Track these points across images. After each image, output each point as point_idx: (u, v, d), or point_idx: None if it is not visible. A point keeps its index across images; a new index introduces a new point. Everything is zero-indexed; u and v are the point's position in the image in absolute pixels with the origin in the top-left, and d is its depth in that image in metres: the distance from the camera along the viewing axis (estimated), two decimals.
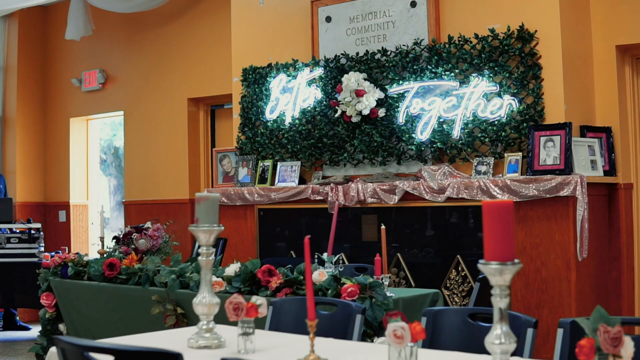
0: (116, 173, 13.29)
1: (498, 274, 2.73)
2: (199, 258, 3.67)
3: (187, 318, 5.85)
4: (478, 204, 7.04)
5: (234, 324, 3.71)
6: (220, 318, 3.82)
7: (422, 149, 7.59)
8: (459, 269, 7.16)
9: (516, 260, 2.74)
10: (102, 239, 7.34)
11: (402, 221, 7.49)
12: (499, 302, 2.76)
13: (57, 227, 12.48)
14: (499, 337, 2.74)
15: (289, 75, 8.54)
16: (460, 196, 7.08)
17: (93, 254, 7.09)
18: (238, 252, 8.45)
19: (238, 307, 3.40)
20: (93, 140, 12.74)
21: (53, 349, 3.64)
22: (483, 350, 3.31)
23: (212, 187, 9.26)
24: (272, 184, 8.49)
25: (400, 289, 6.54)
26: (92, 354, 3.03)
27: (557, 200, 6.70)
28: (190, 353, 3.45)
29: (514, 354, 2.78)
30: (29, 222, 10.06)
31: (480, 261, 2.76)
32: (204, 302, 3.66)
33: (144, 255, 6.77)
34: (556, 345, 3.52)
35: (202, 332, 3.65)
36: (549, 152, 6.86)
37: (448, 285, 7.19)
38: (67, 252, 7.34)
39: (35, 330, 10.58)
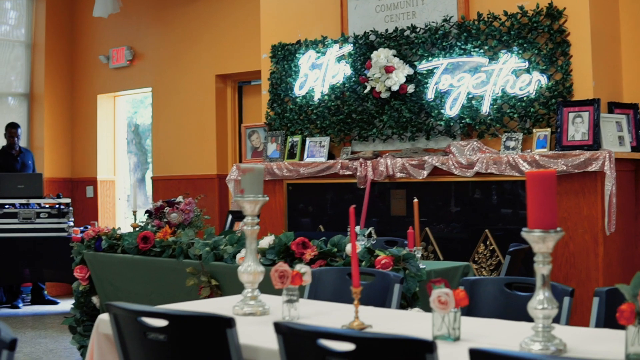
0: (136, 150, 13.41)
1: (541, 242, 2.82)
2: (245, 227, 3.76)
3: (221, 290, 5.94)
4: (506, 179, 7.11)
5: (276, 292, 3.81)
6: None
7: (451, 124, 7.67)
8: (487, 243, 7.24)
9: (558, 229, 2.83)
10: (134, 213, 7.43)
11: (431, 196, 7.57)
12: (542, 268, 2.85)
13: (84, 202, 12.61)
14: (541, 302, 2.83)
15: (318, 52, 8.62)
16: (488, 171, 7.15)
17: (121, 229, 7.16)
18: (267, 226, 8.54)
19: (284, 275, 3.49)
20: (120, 116, 12.85)
21: (101, 316, 3.74)
22: (520, 318, 3.42)
23: (241, 162, 9.35)
24: (301, 159, 8.57)
25: (431, 261, 6.61)
26: (146, 319, 3.14)
27: (585, 175, 6.77)
28: (236, 320, 3.54)
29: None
30: (58, 197, 10.15)
31: (524, 229, 2.85)
32: (249, 270, 3.75)
33: (176, 229, 6.86)
34: (592, 313, 3.61)
35: (247, 299, 3.74)
36: (577, 128, 6.91)
37: (476, 259, 7.27)
38: (96, 227, 7.43)
39: (63, 304, 10.73)
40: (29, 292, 11.08)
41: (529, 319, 2.95)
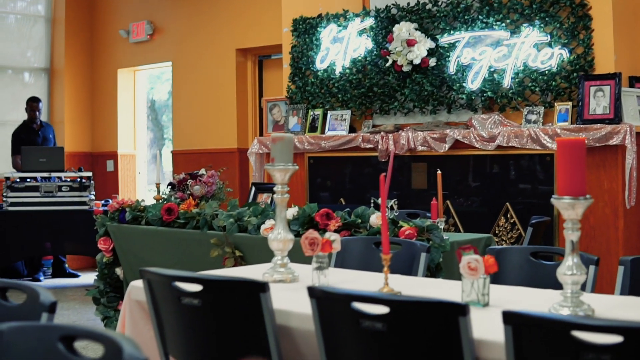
0: (152, 126, 13.46)
1: (571, 208, 2.87)
2: (275, 196, 3.82)
3: (245, 261, 5.99)
4: (528, 153, 7.14)
5: (303, 261, 3.87)
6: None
7: (473, 98, 7.69)
8: (508, 216, 7.28)
9: (588, 196, 2.87)
10: (157, 185, 7.49)
11: (452, 169, 7.60)
12: (571, 235, 2.89)
13: (104, 176, 12.69)
14: (570, 268, 2.88)
15: (339, 26, 8.64)
16: (510, 145, 7.18)
17: (144, 201, 7.21)
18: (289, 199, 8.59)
19: (314, 242, 3.55)
20: (140, 91, 12.91)
21: (133, 283, 3.80)
22: (546, 286, 3.47)
23: (261, 136, 9.40)
24: (322, 132, 8.62)
25: (453, 233, 6.65)
26: (180, 284, 3.20)
27: (606, 149, 6.79)
28: None
29: None
30: (80, 171, 10.21)
31: (554, 196, 2.89)
32: (279, 237, 3.81)
33: (199, 201, 6.91)
34: (617, 281, 3.67)
35: (277, 266, 3.80)
36: (598, 102, 6.93)
37: (497, 232, 7.31)
38: (118, 199, 7.48)
39: (84, 278, 10.82)
40: (50, 266, 11.16)
41: (555, 287, 3.00)
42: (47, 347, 2.21)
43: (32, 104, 11.12)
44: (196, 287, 3.12)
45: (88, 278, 10.45)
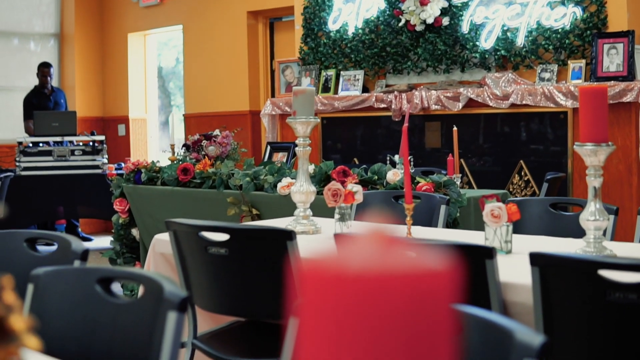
0: (160, 93, 13.47)
1: (593, 155, 2.90)
2: (297, 149, 3.85)
3: (262, 219, 6.02)
4: (541, 110, 7.16)
5: (324, 215, 3.91)
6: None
7: (486, 56, 7.70)
8: (522, 174, 7.31)
9: (610, 143, 2.91)
10: (172, 147, 7.52)
11: (465, 128, 7.62)
12: (594, 181, 2.93)
13: (116, 140, 12.72)
14: (593, 214, 2.92)
15: None
16: (524, 103, 7.19)
17: (160, 162, 7.25)
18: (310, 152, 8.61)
19: (337, 194, 3.59)
20: (150, 55, 12.91)
21: (158, 236, 3.85)
22: (567, 237, 3.51)
23: (274, 97, 9.42)
24: (335, 93, 8.64)
25: (468, 189, 6.69)
26: (206, 234, 3.24)
27: (619, 106, 6.80)
28: None
29: None
30: (92, 134, 10.24)
31: (576, 143, 2.93)
32: (302, 190, 3.85)
33: (214, 162, 6.94)
34: (636, 230, 3.71)
35: (299, 218, 3.85)
36: (612, 60, 6.94)
37: (511, 190, 7.34)
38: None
39: (97, 241, 10.88)
40: (63, 230, 11.21)
41: (576, 237, 3.04)
42: (85, 289, 2.25)
43: (44, 69, 11.15)
44: (223, 237, 3.16)
45: (101, 242, 10.51)
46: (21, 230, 3.11)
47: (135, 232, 7.28)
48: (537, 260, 2.43)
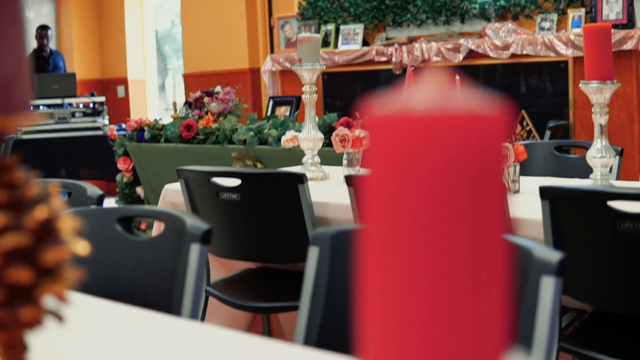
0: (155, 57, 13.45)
1: (599, 92, 2.94)
2: (303, 96, 3.88)
3: None
4: (542, 60, 7.18)
5: (332, 163, 3.94)
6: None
7: (486, 7, 7.70)
8: (524, 124, 7.34)
9: (615, 81, 2.94)
10: (174, 104, 7.54)
11: (466, 79, 7.63)
12: (599, 119, 2.97)
13: (116, 102, 12.72)
14: (600, 151, 2.96)
15: None
16: (524, 52, 7.21)
17: (162, 120, 7.26)
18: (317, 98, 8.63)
19: (345, 139, 3.63)
20: (148, 15, 12.87)
21: (168, 186, 3.87)
22: (572, 177, 3.55)
23: (274, 53, 9.42)
24: (335, 47, 8.64)
25: None
26: (218, 180, 3.28)
27: (620, 54, 6.82)
28: None
29: None
30: (92, 96, 10.24)
31: (582, 81, 2.96)
32: (310, 137, 3.88)
33: (217, 118, 6.96)
34: None
35: (308, 165, 3.88)
36: (611, 7, 6.95)
37: (513, 140, 7.36)
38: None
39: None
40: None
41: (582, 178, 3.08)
42: (105, 229, 2.29)
43: (41, 31, 11.13)
44: (234, 182, 3.20)
45: (104, 204, 10.53)
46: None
47: (139, 190, 7.31)
48: (547, 193, 2.47)
